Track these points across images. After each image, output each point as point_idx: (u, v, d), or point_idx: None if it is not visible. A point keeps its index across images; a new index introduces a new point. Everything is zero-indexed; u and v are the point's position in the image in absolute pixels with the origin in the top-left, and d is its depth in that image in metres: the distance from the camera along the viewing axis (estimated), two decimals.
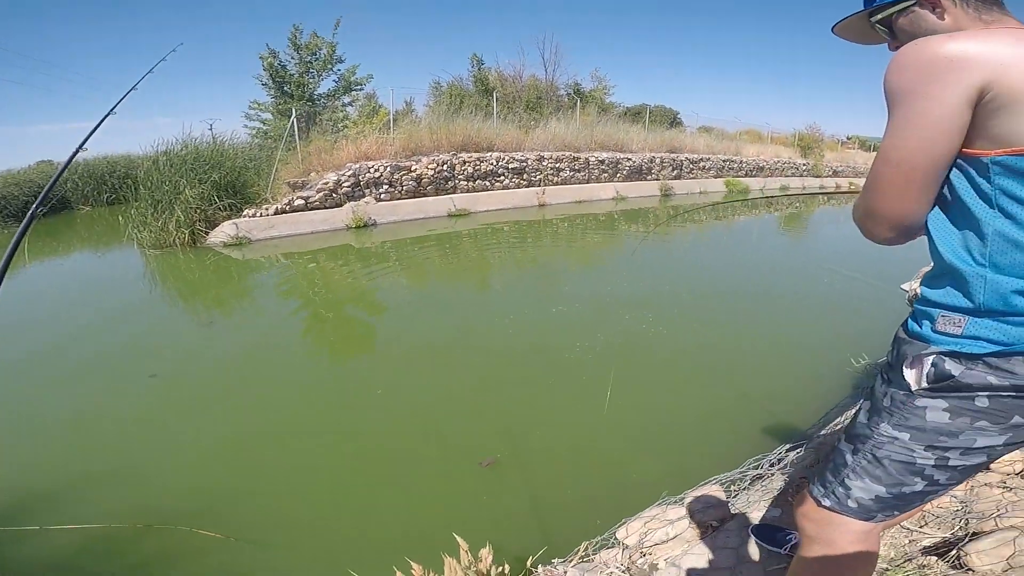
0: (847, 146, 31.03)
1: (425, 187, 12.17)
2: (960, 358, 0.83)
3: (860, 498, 0.98)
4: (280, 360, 4.74)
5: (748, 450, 2.86)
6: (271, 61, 14.47)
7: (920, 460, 0.90)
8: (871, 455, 0.95)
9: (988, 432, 0.84)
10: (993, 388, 0.81)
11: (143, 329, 5.54)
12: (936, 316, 0.86)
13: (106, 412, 3.76)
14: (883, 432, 0.93)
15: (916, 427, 0.89)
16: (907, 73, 0.79)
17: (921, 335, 0.88)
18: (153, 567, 2.41)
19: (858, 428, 0.99)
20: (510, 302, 6.55)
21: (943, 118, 0.76)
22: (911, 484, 0.93)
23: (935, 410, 0.87)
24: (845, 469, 0.99)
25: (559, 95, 20.19)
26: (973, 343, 0.82)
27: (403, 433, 3.48)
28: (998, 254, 0.79)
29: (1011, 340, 0.79)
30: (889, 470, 0.94)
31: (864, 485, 0.97)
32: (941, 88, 0.75)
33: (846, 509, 1.00)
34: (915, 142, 0.79)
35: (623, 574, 1.77)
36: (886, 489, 0.95)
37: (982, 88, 0.73)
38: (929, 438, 0.88)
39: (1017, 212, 0.77)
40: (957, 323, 0.83)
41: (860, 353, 4.16)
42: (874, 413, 0.96)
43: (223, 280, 7.56)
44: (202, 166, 9.45)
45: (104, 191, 14.71)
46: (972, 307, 0.82)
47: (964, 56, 0.74)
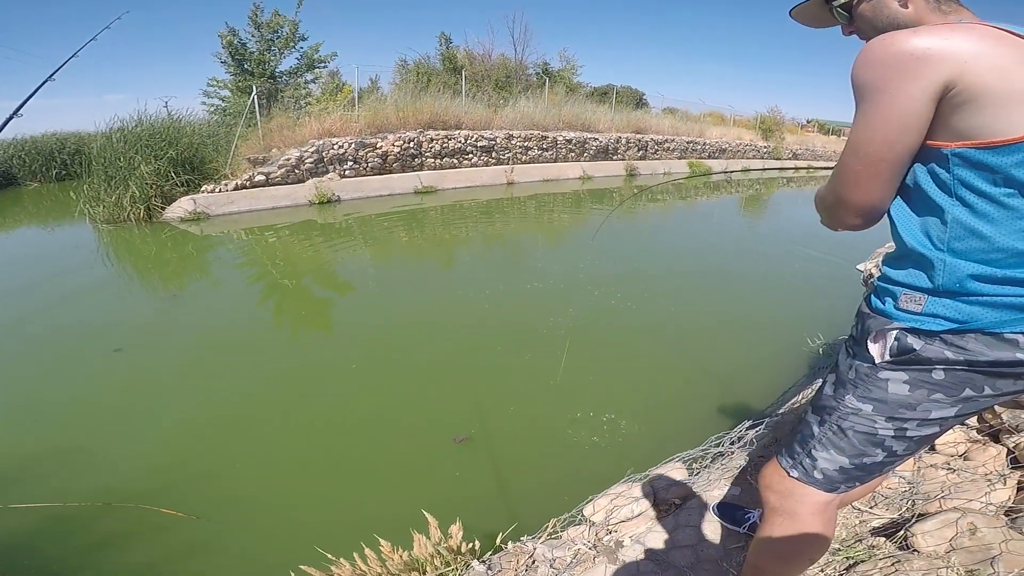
0: (807, 129, 31.77)
1: (391, 164, 12.02)
2: (920, 334, 0.89)
3: (825, 468, 1.03)
4: (243, 337, 4.67)
5: (709, 427, 2.92)
6: (230, 39, 13.97)
7: (881, 431, 0.96)
8: (836, 426, 1.01)
9: (942, 404, 0.91)
10: (949, 362, 0.87)
11: (100, 304, 5.39)
12: (899, 294, 0.92)
13: (64, 389, 3.65)
14: (848, 404, 0.98)
15: (878, 399, 0.95)
16: (875, 69, 0.82)
17: (884, 311, 0.94)
18: (113, 546, 2.36)
19: (824, 400, 1.04)
20: (480, 278, 6.58)
21: (908, 114, 0.80)
22: (872, 455, 0.99)
23: (896, 382, 0.93)
24: (812, 440, 1.04)
25: (528, 74, 20.06)
26: (932, 320, 0.88)
27: (372, 411, 3.46)
28: (956, 240, 0.84)
29: (965, 318, 0.85)
30: (852, 441, 0.99)
31: (829, 456, 1.02)
32: (907, 85, 0.78)
33: (812, 480, 1.05)
34: (881, 136, 0.83)
35: (590, 550, 1.80)
36: (849, 460, 1.01)
37: (946, 84, 0.76)
38: (890, 410, 0.94)
39: (974, 201, 0.82)
40: (918, 301, 0.89)
41: (816, 333, 4.30)
42: (839, 385, 1.01)
43: (181, 254, 7.36)
44: (158, 142, 9.18)
45: (53, 167, 14.07)
46: (932, 287, 0.88)
47: (930, 53, 0.77)
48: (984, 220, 0.82)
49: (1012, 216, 0.80)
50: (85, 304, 5.26)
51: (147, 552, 2.33)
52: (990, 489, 1.68)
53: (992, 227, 0.81)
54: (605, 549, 1.78)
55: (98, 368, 3.98)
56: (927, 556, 1.43)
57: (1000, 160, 0.78)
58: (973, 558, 1.37)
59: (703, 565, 1.65)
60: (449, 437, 3.13)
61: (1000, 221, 0.81)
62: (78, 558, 2.29)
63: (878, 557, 1.48)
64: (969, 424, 2.06)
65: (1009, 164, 0.77)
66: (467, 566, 1.78)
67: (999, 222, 0.81)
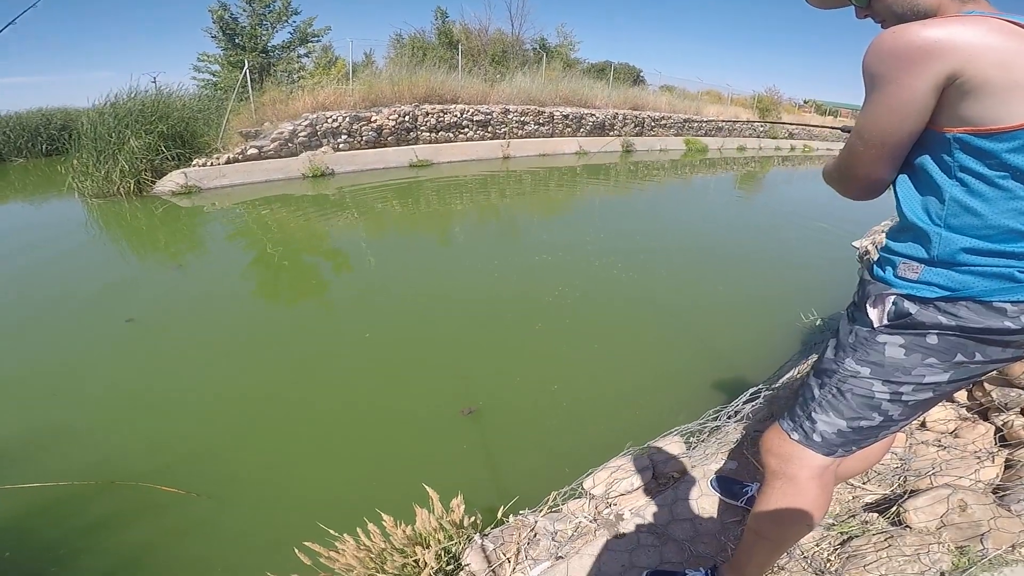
0: (804, 109, 31.52)
1: (386, 138, 11.88)
2: (915, 300, 0.95)
3: (824, 431, 1.08)
4: (241, 312, 4.66)
5: (706, 401, 2.95)
6: (221, 14, 13.62)
7: (878, 394, 1.02)
8: (836, 389, 1.06)
9: (935, 368, 0.97)
10: (942, 327, 0.94)
11: (98, 277, 5.34)
12: (898, 263, 0.98)
13: (64, 366, 3.63)
14: (847, 367, 1.04)
15: (875, 362, 1.00)
16: (884, 59, 0.86)
17: (884, 278, 1.01)
18: (113, 525, 2.36)
19: (825, 363, 1.09)
20: (479, 251, 6.58)
21: (911, 103, 0.85)
22: (869, 418, 1.04)
23: (893, 346, 0.99)
24: (812, 403, 1.09)
25: (525, 50, 19.75)
26: (927, 288, 0.94)
27: (374, 386, 3.47)
28: (952, 216, 0.91)
29: (957, 286, 0.91)
30: (851, 403, 1.04)
31: (828, 419, 1.07)
32: (912, 76, 0.83)
33: (811, 443, 1.10)
34: (884, 123, 0.90)
35: (591, 523, 1.82)
36: (847, 423, 1.06)
37: (951, 75, 0.81)
38: (886, 373, 1.00)
39: (970, 182, 0.88)
40: (915, 270, 0.96)
41: (810, 309, 4.33)
42: (839, 349, 1.06)
43: (173, 228, 7.28)
44: (148, 117, 9.07)
45: (40, 142, 13.81)
46: (928, 258, 0.94)
47: (938, 45, 0.80)
48: (979, 199, 0.88)
49: (1005, 196, 0.86)
50: (77, 275, 5.22)
51: (148, 531, 2.34)
52: (979, 466, 1.72)
53: (986, 206, 0.87)
54: (605, 522, 1.82)
55: (100, 341, 3.96)
56: (919, 532, 1.47)
57: (996, 145, 0.83)
58: (963, 534, 1.41)
59: (702, 538, 1.69)
60: (450, 411, 3.16)
61: (993, 200, 0.87)
62: (78, 538, 2.30)
63: (871, 532, 1.52)
64: (959, 402, 2.11)
65: (1004, 149, 0.83)
66: (469, 540, 1.81)
67: (993, 201, 0.87)
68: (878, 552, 1.43)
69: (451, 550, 1.79)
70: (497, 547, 1.75)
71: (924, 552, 1.37)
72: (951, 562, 1.34)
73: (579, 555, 1.67)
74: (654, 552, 1.66)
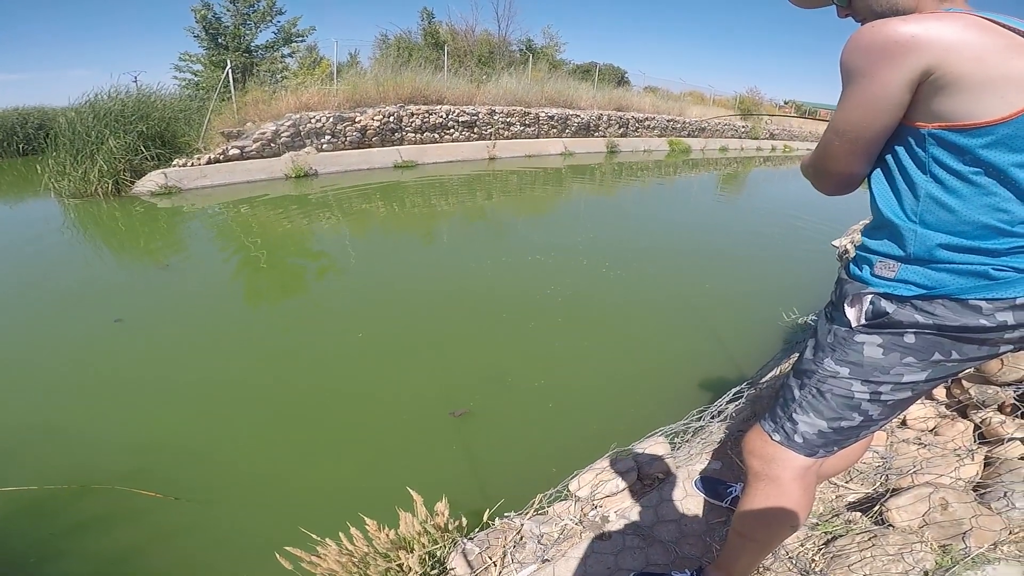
0: (784, 110, 31.94)
1: (370, 138, 11.79)
2: (892, 299, 0.94)
3: (805, 432, 1.07)
4: (222, 312, 4.59)
5: (690, 402, 2.95)
6: (204, 13, 13.43)
7: (858, 394, 1.01)
8: (816, 390, 1.05)
9: (913, 368, 0.97)
10: (919, 326, 0.93)
11: (75, 277, 5.24)
12: (875, 262, 0.97)
13: (38, 366, 3.55)
14: (826, 367, 1.03)
15: (854, 362, 1.00)
16: (860, 55, 0.85)
17: (861, 277, 1.00)
18: (90, 530, 2.30)
19: (804, 364, 1.09)
20: (463, 252, 6.55)
21: (885, 98, 0.85)
22: (849, 419, 1.04)
23: (871, 346, 0.98)
24: (793, 404, 1.09)
25: (511, 51, 19.76)
26: (903, 286, 0.94)
27: (355, 387, 3.43)
28: (927, 213, 0.90)
29: (933, 284, 0.91)
30: (831, 404, 1.04)
31: (809, 420, 1.06)
32: (887, 71, 0.82)
33: (792, 444, 1.09)
34: (859, 117, 0.89)
35: (577, 526, 1.80)
36: (827, 423, 1.05)
37: (926, 70, 0.80)
38: (865, 372, 0.99)
39: (945, 178, 0.87)
40: (891, 268, 0.95)
41: (791, 308, 4.37)
42: (819, 349, 1.06)
43: (151, 228, 7.15)
44: (127, 116, 8.91)
45: (16, 142, 13.53)
46: (904, 255, 0.93)
47: (914, 39, 0.80)
48: (953, 195, 0.87)
49: (979, 192, 0.86)
50: (51, 276, 5.08)
51: (127, 536, 2.29)
52: (959, 464, 1.74)
53: (960, 202, 0.87)
54: (591, 524, 1.81)
55: (76, 344, 3.87)
56: (902, 531, 1.47)
57: (970, 141, 0.83)
58: (945, 533, 1.42)
59: (687, 539, 1.69)
60: (434, 413, 3.13)
61: (968, 197, 0.86)
62: (54, 543, 2.24)
63: (855, 532, 1.53)
64: (938, 399, 2.13)
65: (978, 145, 0.82)
66: (454, 543, 1.79)
67: (967, 198, 0.86)
68: (862, 551, 1.43)
69: (436, 554, 1.76)
70: (483, 550, 1.73)
71: (907, 551, 1.38)
72: (934, 561, 1.35)
73: (565, 558, 1.66)
74: (640, 554, 1.65)
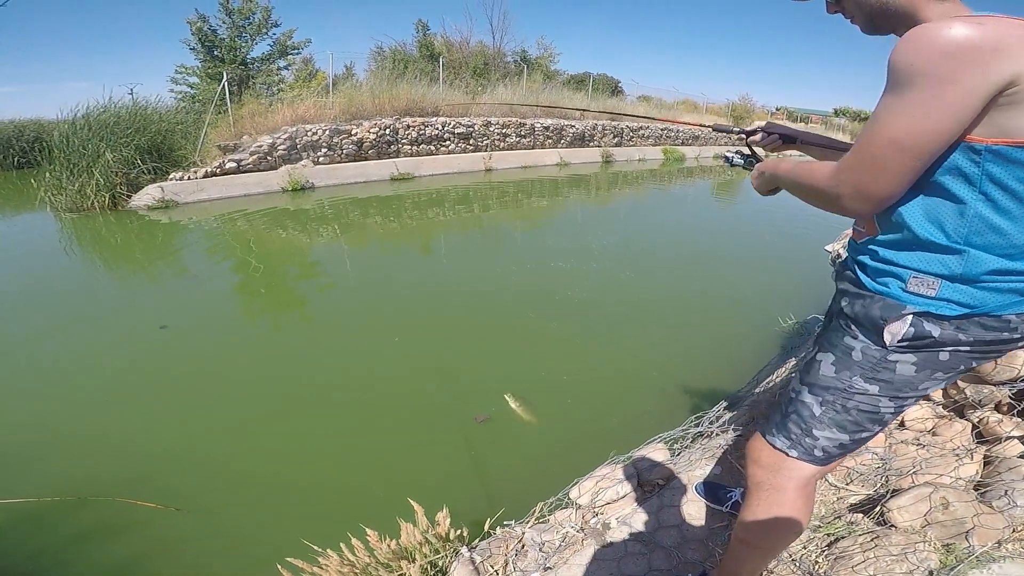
0: (776, 116, 32.19)
1: (367, 151, 11.83)
2: (934, 318, 0.89)
3: (826, 446, 1.05)
4: (216, 325, 4.58)
5: (689, 408, 2.96)
6: (200, 26, 13.54)
7: (883, 409, 0.99)
8: (840, 406, 1.01)
9: (939, 381, 0.95)
10: (959, 343, 0.89)
11: (73, 290, 5.25)
12: (906, 277, 0.90)
13: (39, 379, 3.55)
14: (854, 385, 0.98)
15: (886, 380, 0.96)
16: (939, 57, 0.74)
17: (891, 294, 0.92)
18: (89, 542, 2.29)
19: (824, 381, 1.03)
20: (462, 264, 6.55)
21: (966, 108, 0.75)
22: (870, 430, 1.02)
23: (905, 364, 0.94)
24: (813, 420, 1.04)
25: (506, 62, 19.96)
26: (946, 305, 0.88)
27: (355, 397, 3.43)
28: (975, 234, 0.84)
29: (977, 303, 0.87)
30: (856, 419, 1.00)
31: (831, 435, 1.03)
32: (974, 78, 0.73)
33: (811, 457, 1.06)
34: (932, 128, 0.77)
35: (578, 533, 1.80)
36: (850, 437, 1.03)
37: (1010, 80, 0.73)
38: (896, 389, 0.96)
39: (999, 197, 0.81)
40: (931, 286, 0.88)
41: (787, 312, 4.40)
42: (843, 367, 1.00)
43: (148, 243, 7.15)
44: (124, 129, 8.92)
45: (12, 154, 13.57)
46: (948, 274, 0.87)
47: (998, 47, 0.72)
48: (1005, 216, 0.82)
49: None
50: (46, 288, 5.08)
51: (126, 547, 2.27)
52: (959, 464, 1.74)
53: (1011, 223, 0.82)
54: (593, 531, 1.80)
55: (76, 356, 3.87)
56: (904, 531, 1.48)
57: None
58: (948, 532, 1.42)
59: (689, 544, 1.68)
60: (433, 423, 3.14)
61: (1019, 218, 0.81)
62: (52, 555, 2.23)
63: (857, 533, 1.53)
64: (935, 400, 2.14)
65: None
66: (456, 553, 1.78)
67: (1018, 218, 0.81)
68: (865, 552, 1.43)
69: (438, 563, 1.75)
70: (484, 559, 1.72)
71: (911, 551, 1.38)
72: (938, 560, 1.35)
73: (567, 565, 1.65)
74: (642, 560, 1.65)
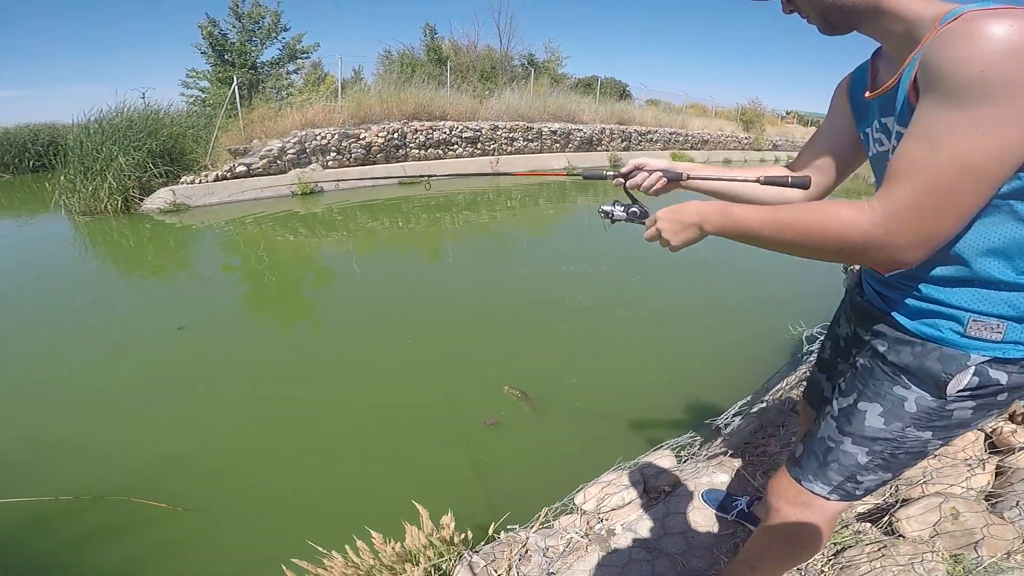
0: (786, 120, 32.08)
1: (375, 155, 11.90)
2: (999, 363, 0.81)
3: (869, 487, 1.00)
4: (229, 327, 4.61)
5: (697, 415, 2.94)
6: (210, 30, 13.71)
7: (931, 448, 0.93)
8: (889, 454, 0.94)
9: (992, 416, 0.89)
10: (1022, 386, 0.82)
11: (87, 295, 5.30)
12: (966, 320, 0.81)
13: (55, 380, 3.60)
14: (907, 436, 0.91)
15: (942, 426, 0.89)
16: (1016, 60, 0.61)
17: (948, 341, 0.83)
18: (100, 540, 2.32)
19: (872, 432, 0.94)
20: (467, 270, 6.56)
21: None
22: (914, 464, 0.99)
23: (963, 410, 0.86)
24: (857, 468, 0.97)
25: (513, 65, 19.98)
26: (1014, 347, 0.80)
27: (363, 401, 3.44)
28: None
29: None
30: (903, 461, 0.95)
31: (876, 477, 0.98)
32: None
33: (852, 497, 1.01)
34: (1015, 147, 0.65)
35: (583, 539, 1.80)
36: (893, 474, 0.98)
37: None
38: (949, 432, 0.90)
39: None
40: (996, 329, 0.80)
41: (797, 320, 4.36)
42: (894, 419, 0.91)
43: (161, 246, 7.23)
44: (136, 133, 9.05)
45: (27, 158, 13.78)
46: (1015, 314, 0.79)
47: None
48: None
49: None
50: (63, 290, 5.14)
51: (136, 546, 2.30)
52: (970, 474, 1.72)
53: None
54: (597, 537, 1.80)
55: (97, 357, 3.93)
56: (912, 541, 1.46)
57: None
58: (957, 542, 1.40)
59: (694, 551, 1.67)
60: (438, 427, 3.13)
61: None
62: (65, 553, 2.25)
63: (865, 542, 1.51)
64: None
65: None
66: (460, 557, 1.78)
67: None
68: (872, 562, 1.42)
69: (441, 567, 1.75)
70: (488, 563, 1.72)
71: (918, 561, 1.36)
72: (946, 571, 1.33)
73: (571, 571, 1.65)
74: (646, 567, 1.64)
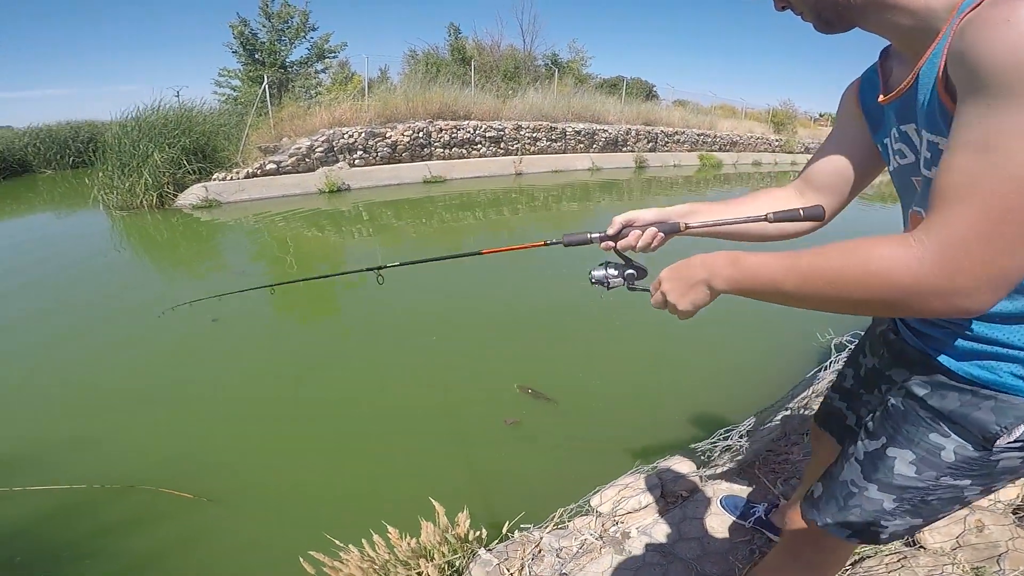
0: (820, 123, 31.36)
1: (400, 154, 12.04)
2: None
3: (896, 532, 0.91)
4: (256, 323, 4.70)
5: (718, 420, 2.87)
6: (241, 29, 14.07)
7: (968, 494, 0.83)
8: (919, 501, 0.85)
9: None
10: None
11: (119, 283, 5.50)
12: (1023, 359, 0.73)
13: (87, 376, 3.72)
14: (941, 484, 0.82)
15: (984, 475, 0.80)
16: None
17: (1005, 386, 0.74)
18: (123, 529, 2.38)
19: (901, 481, 0.85)
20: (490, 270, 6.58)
21: None
22: (949, 512, 0.88)
23: (1012, 459, 0.77)
24: (882, 514, 0.89)
25: (537, 65, 19.98)
26: None
27: (385, 398, 3.48)
28: None
29: None
30: (936, 507, 0.86)
31: (905, 522, 0.89)
32: None
33: (876, 540, 0.94)
34: None
35: (597, 541, 1.80)
36: (924, 520, 0.89)
37: None
38: (991, 480, 0.81)
39: None
40: None
41: (826, 326, 4.26)
42: (928, 468, 0.82)
43: (195, 240, 7.46)
44: (171, 131, 9.36)
45: (68, 155, 14.31)
46: None
47: None
48: None
49: None
50: (99, 283, 5.34)
51: (159, 536, 2.37)
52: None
53: None
54: (611, 540, 1.80)
55: (118, 351, 4.06)
56: (933, 553, 1.43)
57: None
58: (979, 555, 1.37)
59: (709, 557, 1.66)
60: (456, 425, 3.16)
61: None
62: (89, 541, 2.33)
63: (884, 553, 1.49)
64: None
65: None
66: (473, 554, 1.80)
67: None
68: (891, 574, 1.39)
69: (455, 564, 1.77)
70: (501, 562, 1.74)
71: (938, 573, 1.33)
72: None
73: (583, 572, 1.65)
74: (659, 571, 1.63)
